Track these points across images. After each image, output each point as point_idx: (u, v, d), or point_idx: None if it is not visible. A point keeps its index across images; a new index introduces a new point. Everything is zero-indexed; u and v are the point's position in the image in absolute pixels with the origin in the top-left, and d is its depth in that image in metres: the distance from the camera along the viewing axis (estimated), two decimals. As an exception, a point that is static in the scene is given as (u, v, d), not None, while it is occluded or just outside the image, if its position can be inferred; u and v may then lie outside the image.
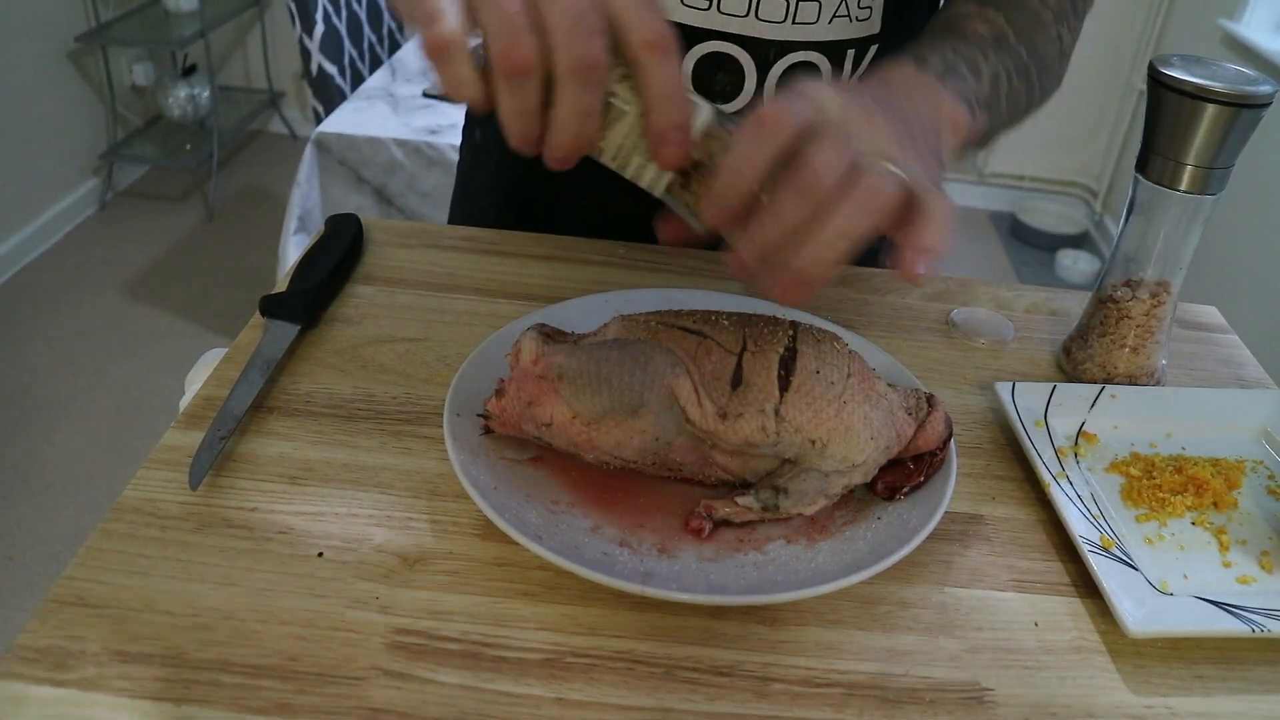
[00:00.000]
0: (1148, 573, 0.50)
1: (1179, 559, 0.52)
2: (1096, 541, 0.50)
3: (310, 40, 2.14)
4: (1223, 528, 0.54)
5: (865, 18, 0.69)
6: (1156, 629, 0.46)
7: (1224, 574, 0.51)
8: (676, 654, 0.44)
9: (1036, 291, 0.77)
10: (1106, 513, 0.53)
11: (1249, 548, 0.53)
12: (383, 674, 0.42)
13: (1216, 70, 0.58)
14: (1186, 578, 0.50)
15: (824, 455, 0.48)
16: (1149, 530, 0.53)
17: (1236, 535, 0.53)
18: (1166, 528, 0.53)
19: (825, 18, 0.68)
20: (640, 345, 0.49)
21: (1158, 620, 0.46)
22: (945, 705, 0.43)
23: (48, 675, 0.40)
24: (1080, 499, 0.53)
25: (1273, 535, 0.53)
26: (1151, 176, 0.60)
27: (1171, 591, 0.49)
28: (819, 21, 0.68)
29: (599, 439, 0.48)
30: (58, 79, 2.70)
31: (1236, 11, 2.48)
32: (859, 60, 0.72)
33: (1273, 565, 0.51)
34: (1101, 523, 0.52)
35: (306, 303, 0.62)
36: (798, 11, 0.67)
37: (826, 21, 0.68)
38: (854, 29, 0.69)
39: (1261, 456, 0.59)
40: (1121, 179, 3.10)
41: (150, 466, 0.51)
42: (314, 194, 1.91)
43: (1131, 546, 0.52)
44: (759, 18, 0.67)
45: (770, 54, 0.69)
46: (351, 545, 0.48)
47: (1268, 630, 0.46)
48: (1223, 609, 0.47)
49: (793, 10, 0.67)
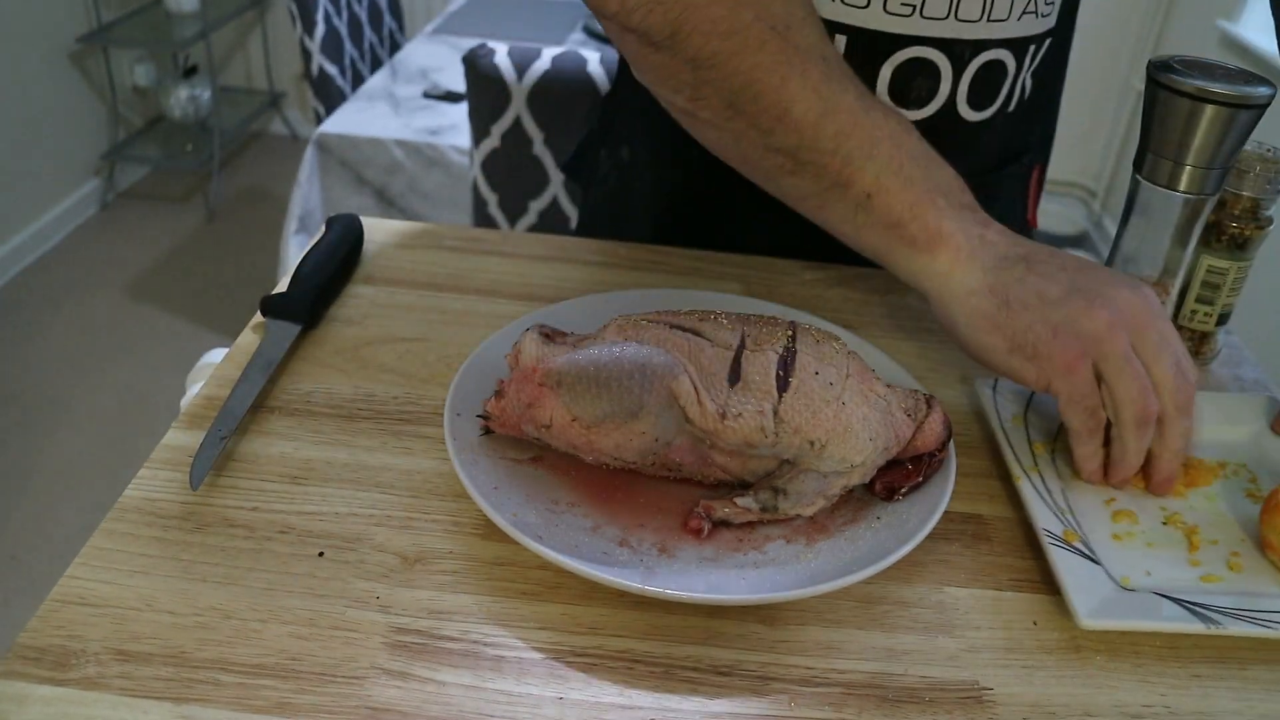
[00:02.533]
0: (1110, 567, 0.50)
1: (1145, 556, 0.52)
2: (1059, 534, 0.51)
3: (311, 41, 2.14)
4: (1195, 528, 0.53)
5: (1049, 13, 0.70)
6: (1108, 621, 0.46)
7: (1189, 572, 0.51)
8: (676, 653, 0.44)
9: (1036, 292, 0.77)
10: (1076, 508, 0.54)
11: (1219, 549, 0.52)
12: (383, 673, 0.42)
13: (1215, 71, 0.58)
14: (1149, 574, 0.50)
15: (822, 456, 0.48)
16: (1120, 528, 0.53)
17: (1208, 536, 0.53)
18: (1138, 525, 0.53)
19: (1016, 13, 0.67)
20: (638, 347, 0.49)
21: (1110, 612, 0.46)
22: (944, 704, 0.43)
23: (49, 674, 0.40)
24: (1050, 494, 0.54)
25: (1245, 538, 0.53)
26: (1150, 177, 0.60)
27: (1133, 587, 0.49)
28: (1010, 18, 0.67)
29: (599, 441, 0.49)
30: (59, 80, 2.70)
31: (1235, 12, 2.48)
32: (1036, 54, 0.72)
33: (1241, 566, 0.51)
34: (1068, 517, 0.52)
35: (307, 303, 0.62)
36: (992, 8, 0.66)
37: (1017, 18, 0.68)
38: (1037, 25, 0.70)
39: (1245, 460, 0.59)
40: (1120, 179, 3.10)
41: (151, 466, 0.51)
42: (315, 194, 1.91)
43: (1097, 542, 0.52)
44: (958, 19, 0.66)
45: (965, 54, 0.68)
46: (352, 545, 0.48)
47: (1224, 627, 0.46)
48: (1181, 605, 0.47)
49: (988, 8, 0.66)
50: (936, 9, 0.66)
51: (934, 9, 0.66)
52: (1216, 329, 0.69)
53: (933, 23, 0.66)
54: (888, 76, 0.68)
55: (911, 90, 0.69)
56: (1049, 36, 0.72)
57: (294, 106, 3.44)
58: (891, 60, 0.68)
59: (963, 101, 0.70)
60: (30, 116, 2.59)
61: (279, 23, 3.24)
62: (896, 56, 0.68)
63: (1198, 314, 0.68)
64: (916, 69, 0.68)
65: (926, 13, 0.66)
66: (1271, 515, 0.50)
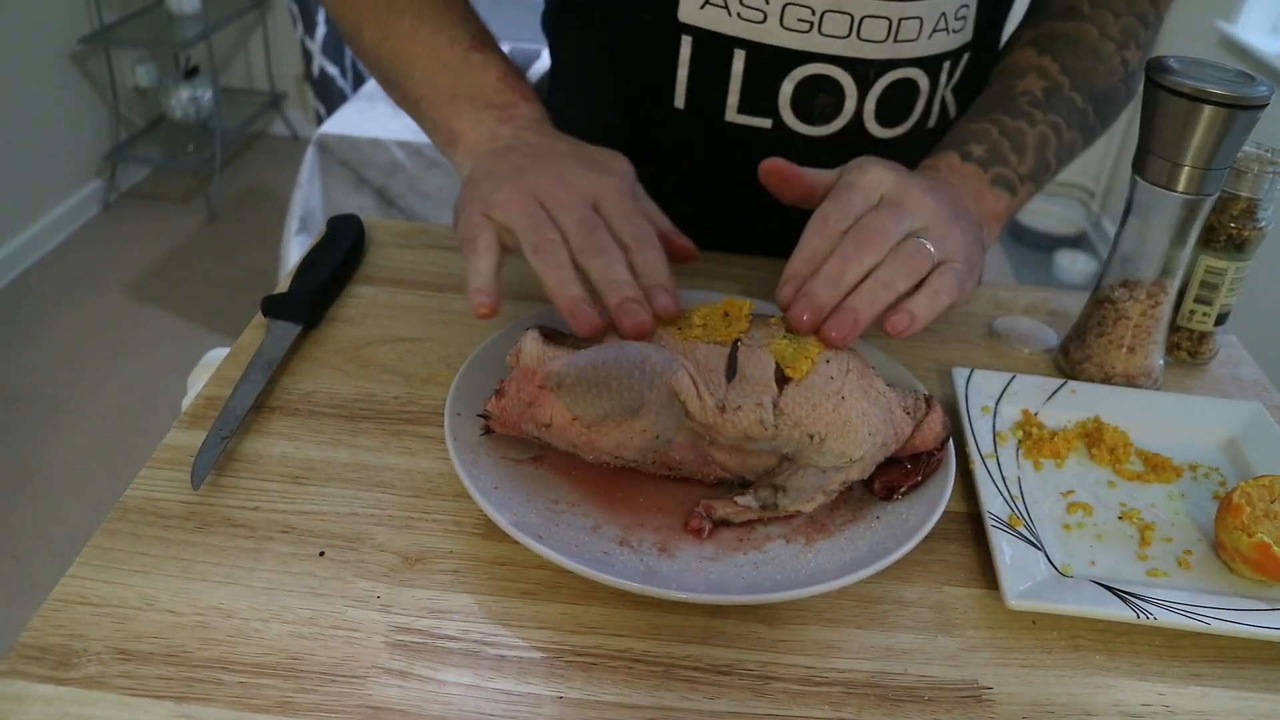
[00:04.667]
0: (1053, 554, 0.50)
1: (1093, 547, 0.52)
2: (1003, 519, 0.51)
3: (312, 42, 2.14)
4: (1151, 524, 0.54)
5: (960, 28, 0.69)
6: (1036, 604, 0.46)
7: (1136, 566, 0.51)
8: (676, 653, 0.44)
9: (1034, 292, 0.77)
10: (1029, 497, 0.54)
11: (1172, 546, 0.52)
12: (384, 672, 0.42)
13: (1213, 72, 0.58)
14: (1094, 564, 0.51)
15: (822, 450, 0.48)
16: (1072, 519, 0.53)
17: (1163, 533, 0.53)
18: (1091, 517, 0.54)
19: (925, 33, 0.67)
20: (636, 346, 0.49)
21: (1040, 596, 0.47)
22: (944, 704, 0.43)
23: (51, 673, 0.40)
24: (1004, 480, 0.54)
25: (1201, 539, 0.53)
26: (1149, 177, 0.60)
27: (1073, 575, 0.49)
28: (919, 38, 0.67)
29: (599, 440, 0.49)
30: (61, 81, 2.70)
31: (1233, 13, 2.48)
32: (953, 70, 0.71)
33: (1190, 565, 0.51)
34: (1017, 504, 0.53)
35: (308, 303, 0.63)
36: (899, 30, 0.66)
37: (926, 37, 0.67)
38: (950, 40, 0.69)
39: (1218, 464, 0.59)
40: (1119, 180, 3.10)
41: (153, 466, 0.52)
42: (315, 195, 1.91)
43: (1044, 529, 0.52)
44: (861, 38, 0.66)
45: (870, 73, 0.68)
46: (353, 544, 0.48)
47: (1154, 618, 0.46)
48: (1116, 594, 0.47)
49: (894, 29, 0.66)
50: (836, 28, 0.66)
51: (833, 27, 0.66)
52: (1215, 329, 0.69)
53: (833, 40, 0.66)
54: (789, 92, 0.69)
55: (815, 107, 0.70)
56: (966, 51, 0.71)
57: (295, 107, 3.44)
58: (792, 76, 0.68)
59: (871, 119, 0.70)
60: (32, 117, 2.59)
61: (280, 23, 3.24)
62: (796, 73, 0.68)
63: (1196, 314, 0.68)
64: (818, 85, 0.68)
65: (825, 30, 0.66)
66: (1225, 516, 0.51)
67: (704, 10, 0.67)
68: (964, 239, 0.54)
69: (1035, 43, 0.69)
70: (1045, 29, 0.70)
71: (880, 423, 0.50)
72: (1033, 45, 0.69)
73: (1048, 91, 0.66)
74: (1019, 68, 0.68)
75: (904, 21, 0.66)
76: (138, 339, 2.33)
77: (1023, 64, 0.68)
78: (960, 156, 0.63)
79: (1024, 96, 0.66)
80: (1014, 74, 0.68)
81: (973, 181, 0.62)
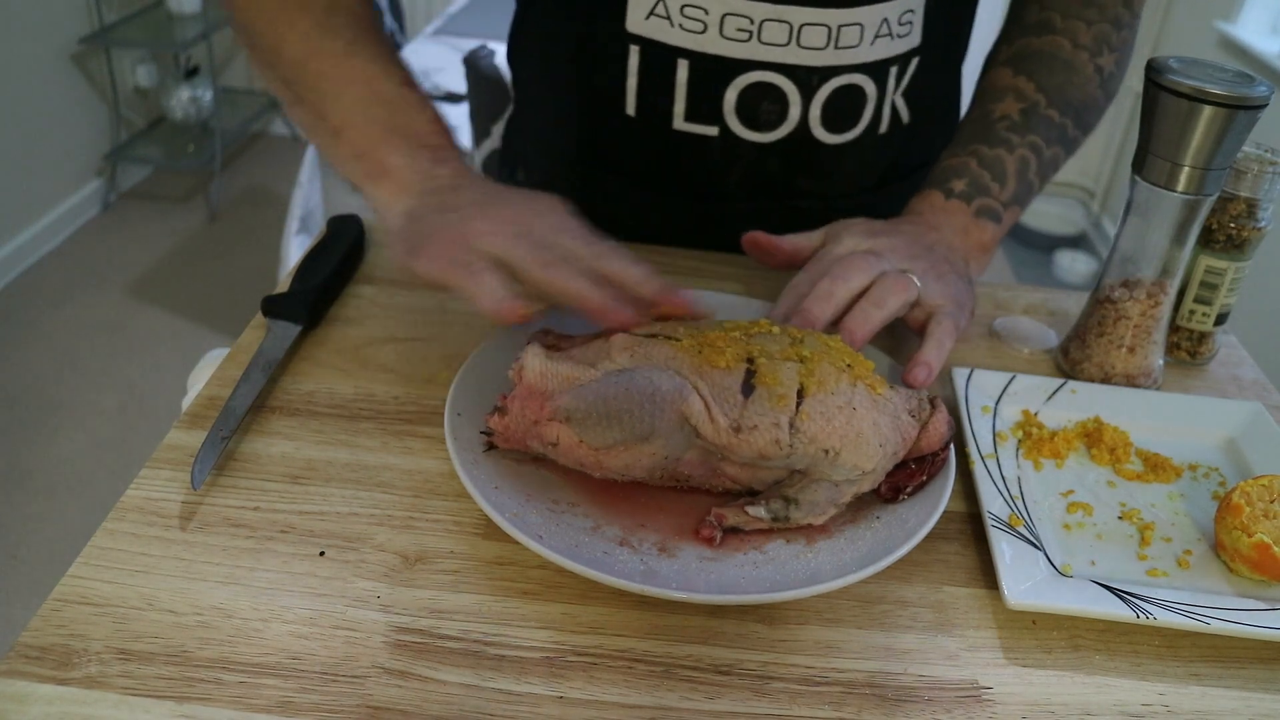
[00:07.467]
0: (1052, 554, 0.50)
1: (1093, 547, 0.52)
2: (1003, 519, 0.51)
3: (312, 42, 2.14)
4: (1150, 524, 0.54)
5: (906, 33, 0.69)
6: (1035, 603, 0.46)
7: (1135, 566, 0.51)
8: (676, 653, 0.44)
9: (1034, 292, 0.77)
10: (1028, 496, 0.54)
11: (1172, 546, 0.53)
12: (384, 672, 0.42)
13: (1213, 72, 0.58)
14: (1094, 564, 0.51)
15: (836, 464, 0.48)
16: (1072, 519, 0.54)
17: (1162, 533, 0.53)
18: (1091, 517, 0.54)
19: (868, 39, 0.67)
20: (646, 373, 0.48)
21: (1039, 595, 0.47)
22: (944, 703, 0.43)
23: (51, 673, 0.40)
24: (1004, 480, 0.54)
25: (1201, 539, 0.53)
26: (1149, 177, 0.60)
27: (1073, 575, 0.49)
28: (861, 44, 0.67)
29: (608, 461, 0.48)
30: (61, 81, 2.70)
31: (1232, 13, 2.48)
32: (901, 75, 0.71)
33: (1190, 565, 0.51)
34: (1018, 504, 0.53)
35: (308, 303, 0.63)
36: (839, 37, 0.66)
37: (869, 43, 0.67)
38: (896, 45, 0.69)
39: (1218, 464, 0.59)
40: (1119, 180, 3.10)
41: (153, 466, 0.52)
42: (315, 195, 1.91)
43: (1044, 529, 0.52)
44: (800, 45, 0.66)
45: (814, 80, 0.68)
46: (353, 544, 0.48)
47: (1154, 618, 0.46)
48: (1116, 594, 0.47)
49: (834, 36, 0.66)
50: (776, 36, 0.66)
51: (773, 36, 0.66)
52: (1214, 329, 0.69)
53: (773, 48, 0.67)
54: (734, 100, 0.69)
55: (760, 114, 0.70)
56: (914, 56, 0.71)
57: (295, 107, 3.44)
58: (735, 84, 0.69)
59: (817, 125, 0.71)
60: (32, 117, 2.59)
61: (280, 23, 3.23)
62: (739, 81, 0.68)
63: (1196, 314, 0.69)
64: (762, 93, 0.69)
65: (765, 39, 0.66)
66: (1225, 516, 0.51)
67: (649, 21, 0.67)
68: (946, 284, 0.60)
69: (1011, 62, 0.71)
70: (1020, 46, 0.72)
71: (890, 431, 0.49)
72: (1009, 65, 0.71)
73: (1024, 113, 0.68)
74: (996, 89, 0.70)
75: (844, 28, 0.66)
76: (138, 339, 2.33)
77: (1000, 85, 0.70)
78: (943, 195, 0.66)
79: (1001, 122, 0.68)
80: (992, 97, 0.70)
81: (958, 217, 0.65)
